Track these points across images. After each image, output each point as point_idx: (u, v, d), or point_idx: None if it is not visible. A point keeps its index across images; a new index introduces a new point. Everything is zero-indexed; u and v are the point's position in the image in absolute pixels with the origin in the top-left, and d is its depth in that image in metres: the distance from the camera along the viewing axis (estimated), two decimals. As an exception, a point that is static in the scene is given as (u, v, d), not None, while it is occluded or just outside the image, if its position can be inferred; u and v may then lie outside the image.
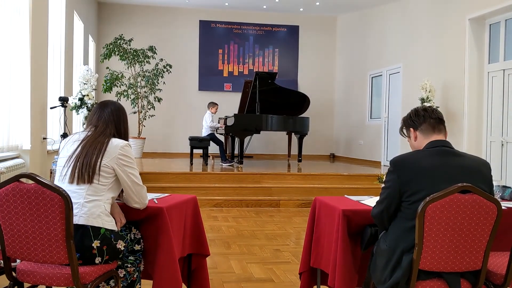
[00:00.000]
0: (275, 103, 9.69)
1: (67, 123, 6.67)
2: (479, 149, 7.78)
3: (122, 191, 2.39)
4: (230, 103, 11.42)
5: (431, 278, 2.03)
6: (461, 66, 7.99)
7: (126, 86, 10.24)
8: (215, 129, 9.39)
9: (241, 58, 12.43)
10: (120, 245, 2.29)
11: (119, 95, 10.09)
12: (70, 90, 8.06)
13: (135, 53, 10.18)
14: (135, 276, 2.49)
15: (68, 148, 2.35)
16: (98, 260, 2.21)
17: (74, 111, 7.09)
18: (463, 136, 7.86)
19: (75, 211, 2.13)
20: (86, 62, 9.76)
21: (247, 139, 10.09)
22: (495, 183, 2.28)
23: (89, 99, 6.91)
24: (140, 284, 2.52)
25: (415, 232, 1.98)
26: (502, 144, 7.39)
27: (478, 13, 7.65)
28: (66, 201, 2.01)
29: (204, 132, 9.19)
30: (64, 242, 2.05)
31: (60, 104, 6.51)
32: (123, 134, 2.45)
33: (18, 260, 2.24)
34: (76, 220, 2.16)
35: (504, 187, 2.83)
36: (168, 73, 10.63)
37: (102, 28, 11.71)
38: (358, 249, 2.58)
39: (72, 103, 6.87)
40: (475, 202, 1.96)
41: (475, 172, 2.09)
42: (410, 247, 2.03)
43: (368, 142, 11.16)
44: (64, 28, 7.79)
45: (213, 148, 9.35)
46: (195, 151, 9.05)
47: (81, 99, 6.88)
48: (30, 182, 2.05)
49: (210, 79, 12.25)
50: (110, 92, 10.01)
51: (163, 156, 11.48)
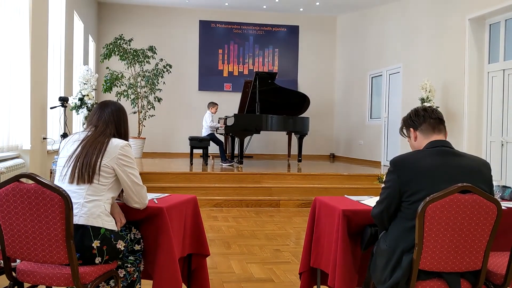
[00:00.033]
0: (275, 103, 9.68)
1: (67, 123, 6.67)
2: (479, 149, 7.78)
3: (122, 191, 2.39)
4: (230, 103, 11.41)
5: (431, 278, 2.03)
6: (461, 66, 7.99)
7: (126, 86, 10.23)
8: (215, 129, 9.40)
9: (241, 58, 12.42)
10: (120, 245, 2.29)
11: (119, 95, 10.09)
12: (70, 90, 8.06)
13: (135, 53, 10.18)
14: (135, 276, 2.49)
15: (68, 148, 2.36)
16: (98, 260, 2.21)
17: (74, 111, 7.10)
18: (463, 136, 7.85)
19: (75, 211, 2.13)
20: (86, 62, 9.76)
21: (247, 139, 10.09)
22: (495, 183, 2.28)
23: (89, 99, 6.92)
24: (140, 284, 2.52)
25: (415, 232, 1.98)
26: (502, 144, 7.38)
27: (478, 13, 7.65)
28: (66, 201, 2.01)
29: (204, 132, 9.19)
30: (64, 242, 2.05)
31: (60, 104, 6.52)
32: (123, 134, 2.45)
33: (18, 260, 2.24)
34: (76, 220, 2.16)
35: (504, 187, 2.83)
36: (168, 73, 10.63)
37: (102, 28, 11.71)
38: (358, 249, 2.58)
39: (72, 103, 6.87)
40: (475, 202, 1.96)
41: (475, 172, 2.10)
42: (410, 247, 2.03)
43: (368, 142, 11.16)
44: (64, 28, 7.79)
45: (213, 148, 9.35)
46: (195, 151, 9.05)
47: (81, 99, 6.89)
48: (30, 182, 2.05)
49: (210, 79, 12.25)
50: (110, 92, 10.01)
51: (163, 156, 11.47)
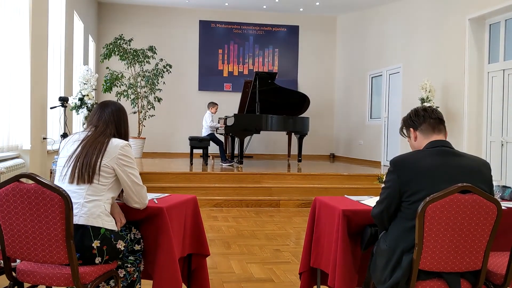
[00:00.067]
0: (275, 103, 9.69)
1: (67, 123, 6.67)
2: (479, 149, 7.78)
3: (122, 191, 2.39)
4: (230, 103, 11.41)
5: (431, 278, 2.03)
6: (461, 66, 7.99)
7: (126, 86, 10.23)
8: (215, 129, 9.40)
9: (241, 58, 12.42)
10: (120, 245, 2.29)
11: (119, 95, 10.09)
12: (70, 90, 8.06)
13: (135, 53, 10.18)
14: (135, 276, 2.49)
15: (68, 148, 2.35)
16: (98, 260, 2.21)
17: (74, 111, 7.10)
18: (463, 136, 7.85)
19: (75, 211, 2.13)
20: (86, 62, 9.76)
21: (247, 139, 10.09)
22: (495, 183, 2.28)
23: (89, 99, 6.92)
24: (140, 284, 2.52)
25: (415, 232, 1.98)
26: (502, 144, 7.39)
27: (478, 13, 7.65)
28: (66, 201, 2.01)
29: (204, 132, 9.19)
30: (64, 242, 2.05)
31: (60, 104, 6.52)
32: (123, 135, 2.45)
33: (18, 260, 2.24)
34: (76, 220, 2.16)
35: (504, 187, 2.83)
36: (168, 73, 10.63)
37: (102, 28, 11.71)
38: (358, 249, 2.58)
39: (72, 103, 6.87)
40: (475, 202, 1.96)
41: (475, 172, 2.09)
42: (410, 247, 2.03)
43: (368, 142, 11.16)
44: (64, 28, 7.79)
45: (213, 148, 9.35)
46: (195, 151, 9.05)
47: (81, 99, 6.89)
48: (30, 182, 2.05)
49: (210, 79, 12.25)
50: (110, 92, 10.01)
51: (163, 156, 11.47)
